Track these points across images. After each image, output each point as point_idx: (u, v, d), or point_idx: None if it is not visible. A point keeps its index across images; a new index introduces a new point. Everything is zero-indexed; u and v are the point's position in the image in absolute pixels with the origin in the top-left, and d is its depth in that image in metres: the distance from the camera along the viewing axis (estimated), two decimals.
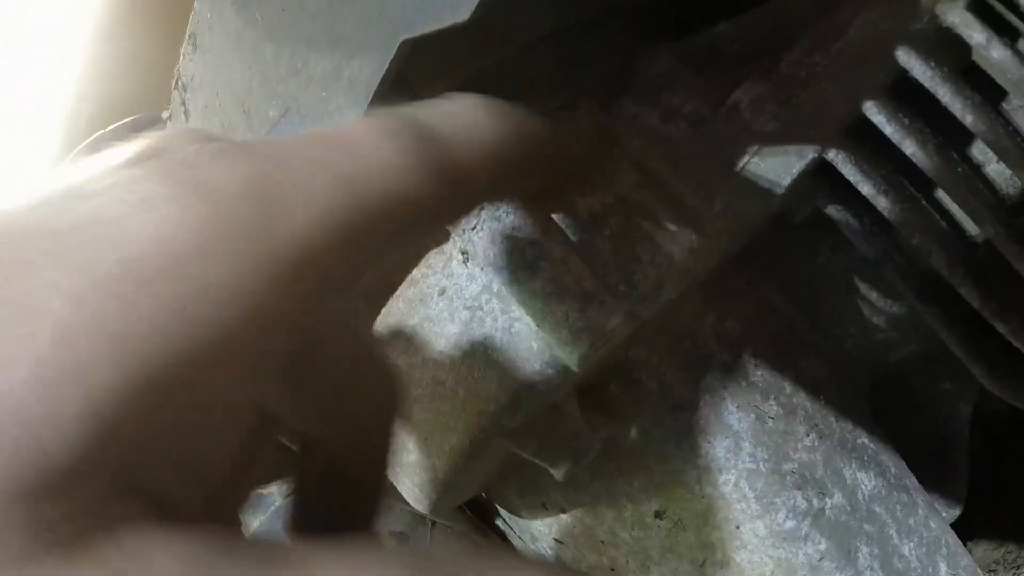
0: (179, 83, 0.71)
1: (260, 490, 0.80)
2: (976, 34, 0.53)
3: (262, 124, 0.61)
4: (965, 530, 0.64)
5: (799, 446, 0.61)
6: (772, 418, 0.61)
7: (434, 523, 0.88)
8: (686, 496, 0.62)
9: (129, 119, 1.54)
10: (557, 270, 0.54)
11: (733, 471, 0.60)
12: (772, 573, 0.59)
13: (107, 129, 1.51)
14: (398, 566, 0.22)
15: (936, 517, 0.63)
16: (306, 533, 0.36)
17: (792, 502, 0.59)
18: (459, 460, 0.62)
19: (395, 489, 0.73)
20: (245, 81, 0.63)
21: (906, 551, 0.60)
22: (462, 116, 0.33)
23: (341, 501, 0.37)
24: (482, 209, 0.55)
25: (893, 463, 0.64)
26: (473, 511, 0.92)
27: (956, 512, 0.73)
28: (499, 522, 0.89)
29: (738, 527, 0.60)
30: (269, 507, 0.79)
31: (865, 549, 0.59)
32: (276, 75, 0.60)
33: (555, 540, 0.75)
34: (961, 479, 0.73)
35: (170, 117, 0.75)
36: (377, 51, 0.51)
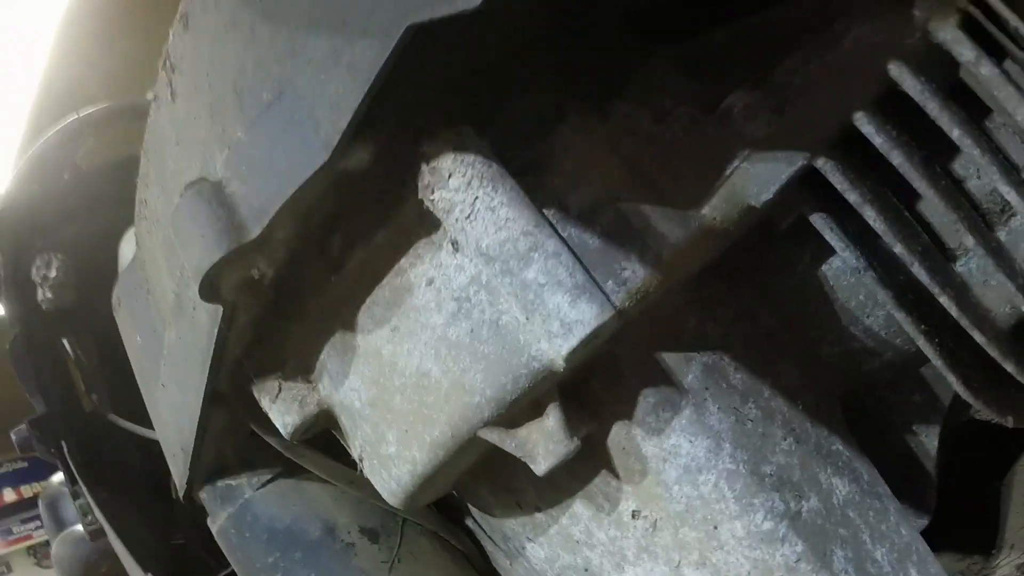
0: (167, 63, 0.70)
1: (230, 482, 0.79)
2: (966, 52, 0.55)
3: (254, 106, 0.60)
4: (932, 539, 0.65)
5: (777, 449, 0.62)
6: (751, 420, 0.62)
7: (405, 520, 0.87)
8: (664, 496, 0.62)
9: (104, 105, 1.51)
10: (550, 262, 0.54)
11: (713, 471, 0.60)
12: (749, 574, 0.60)
13: (85, 112, 1.47)
14: None
15: (907, 524, 0.64)
16: None
17: (770, 504, 0.59)
18: (440, 453, 0.62)
19: (369, 483, 0.72)
20: (238, 62, 0.62)
21: (879, 556, 0.61)
22: None
23: None
24: (476, 199, 0.55)
25: (866, 470, 0.65)
26: (442, 509, 0.91)
27: (924, 521, 0.74)
28: (469, 521, 0.88)
29: (716, 527, 0.60)
30: (239, 500, 0.78)
31: (840, 552, 0.60)
32: (272, 56, 0.59)
33: (528, 540, 0.74)
34: (930, 489, 0.74)
35: (155, 98, 0.73)
36: (381, 35, 0.51)
